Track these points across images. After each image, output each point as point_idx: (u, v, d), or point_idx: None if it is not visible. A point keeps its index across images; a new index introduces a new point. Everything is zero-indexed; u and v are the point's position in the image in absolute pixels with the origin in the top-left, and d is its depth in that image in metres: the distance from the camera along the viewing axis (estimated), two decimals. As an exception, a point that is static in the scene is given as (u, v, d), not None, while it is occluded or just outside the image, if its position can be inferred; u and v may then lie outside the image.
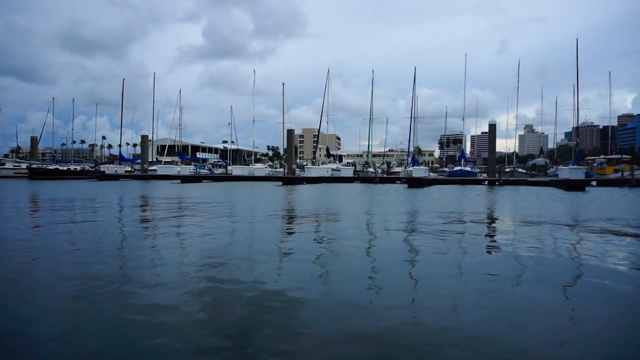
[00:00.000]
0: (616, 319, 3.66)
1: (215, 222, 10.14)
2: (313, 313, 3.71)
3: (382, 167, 59.42)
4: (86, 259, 5.79)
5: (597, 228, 9.21)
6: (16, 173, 47.67)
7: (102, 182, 35.86)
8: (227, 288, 4.44)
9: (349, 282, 4.74)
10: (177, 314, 3.64)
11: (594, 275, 5.02)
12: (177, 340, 3.12)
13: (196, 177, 43.20)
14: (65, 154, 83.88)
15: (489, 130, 42.07)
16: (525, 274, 5.13)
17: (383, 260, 5.95)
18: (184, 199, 17.86)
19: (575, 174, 36.48)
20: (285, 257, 6.15)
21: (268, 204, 15.50)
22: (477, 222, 10.44)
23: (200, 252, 6.39)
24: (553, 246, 7.01)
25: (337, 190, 26.07)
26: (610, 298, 4.20)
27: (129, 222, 10.61)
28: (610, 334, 3.35)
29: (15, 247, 6.77)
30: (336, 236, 8.14)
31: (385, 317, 3.60)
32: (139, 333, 3.25)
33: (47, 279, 4.83)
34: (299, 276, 4.93)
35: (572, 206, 15.12)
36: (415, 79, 51.22)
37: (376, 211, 13.36)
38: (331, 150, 61.13)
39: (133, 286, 4.48)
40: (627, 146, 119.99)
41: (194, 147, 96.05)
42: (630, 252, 6.63)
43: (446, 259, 6.00)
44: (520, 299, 4.13)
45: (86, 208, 13.75)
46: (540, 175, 50.02)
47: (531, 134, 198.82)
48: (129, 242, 7.54)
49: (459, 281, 4.80)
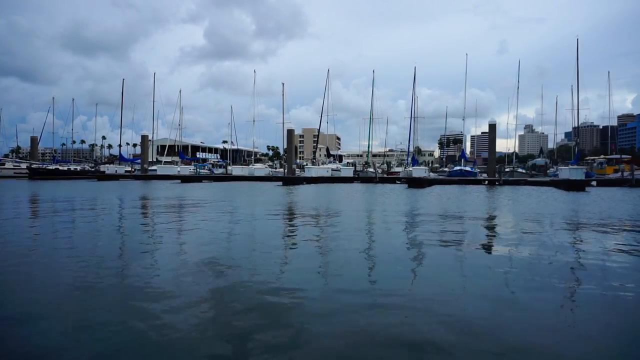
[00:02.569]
0: (616, 319, 3.66)
1: (216, 222, 10.13)
2: (313, 312, 3.71)
3: (382, 167, 59.41)
4: (87, 258, 5.78)
5: (597, 228, 9.20)
6: (16, 173, 47.65)
7: (102, 182, 35.86)
8: (227, 288, 4.44)
9: (349, 281, 4.74)
10: (178, 314, 3.63)
11: (594, 275, 5.02)
12: (177, 340, 3.12)
13: (196, 177, 43.19)
14: (65, 154, 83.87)
15: (489, 130, 42.05)
16: (525, 273, 5.12)
17: (383, 260, 5.95)
18: (184, 199, 17.86)
19: (575, 174, 36.48)
20: (286, 257, 6.15)
21: (268, 204, 15.50)
22: (477, 222, 10.43)
23: (201, 252, 6.39)
24: (553, 246, 7.00)
25: (337, 190, 26.07)
26: (610, 298, 4.20)
27: (129, 222, 10.60)
28: (610, 334, 3.34)
29: (15, 247, 6.77)
30: (336, 236, 8.13)
31: (386, 318, 3.60)
32: (139, 333, 3.25)
33: (47, 280, 4.82)
34: (299, 276, 4.93)
35: (572, 206, 15.11)
36: (416, 79, 51.28)
37: (376, 211, 13.35)
38: (331, 150, 61.08)
39: (133, 286, 4.48)
40: (627, 146, 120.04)
41: (194, 147, 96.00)
42: (630, 252, 6.63)
43: (446, 258, 6.00)
44: (520, 299, 4.12)
45: (86, 208, 13.75)
46: (540, 175, 50.00)
47: (531, 134, 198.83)
48: (128, 242, 7.54)
49: (459, 280, 4.80)
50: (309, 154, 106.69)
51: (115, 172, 48.86)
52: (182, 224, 9.99)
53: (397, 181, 38.25)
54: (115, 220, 10.87)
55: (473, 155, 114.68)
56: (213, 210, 12.73)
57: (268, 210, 13.01)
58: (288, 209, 13.74)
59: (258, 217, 11.30)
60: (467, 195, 21.03)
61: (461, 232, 8.66)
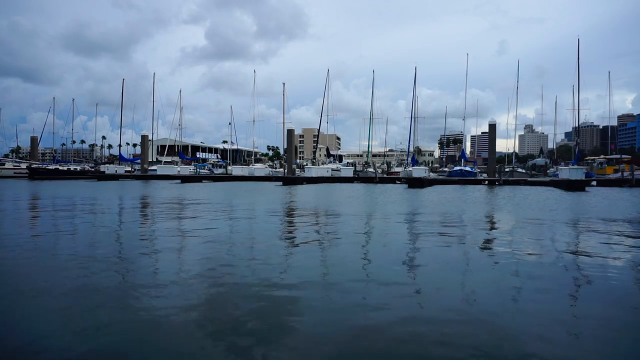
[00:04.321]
0: (616, 320, 3.65)
1: (216, 222, 10.13)
2: (313, 312, 3.71)
3: (382, 167, 59.41)
4: (87, 258, 5.78)
5: (597, 228, 9.20)
6: (16, 173, 47.63)
7: (101, 182, 35.85)
8: (227, 288, 4.44)
9: (349, 281, 4.74)
10: (178, 315, 3.63)
11: (593, 275, 5.02)
12: (178, 341, 3.12)
13: (196, 177, 43.17)
14: (65, 154, 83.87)
15: (489, 130, 42.03)
16: (524, 273, 5.12)
17: (384, 260, 5.94)
18: (184, 199, 17.85)
19: (575, 174, 36.45)
20: (286, 256, 6.14)
21: (268, 204, 15.50)
22: (477, 222, 10.43)
23: (201, 251, 6.39)
24: (553, 246, 7.00)
25: (337, 190, 26.06)
26: (610, 298, 4.20)
27: (128, 222, 10.60)
28: (609, 334, 3.34)
29: (14, 247, 6.77)
30: (336, 235, 8.13)
31: (387, 317, 3.60)
32: (139, 334, 3.25)
33: (47, 280, 4.82)
34: (300, 276, 4.92)
35: (572, 206, 15.11)
36: (416, 79, 51.25)
37: (376, 211, 13.35)
38: (331, 151, 61.01)
39: (133, 286, 4.47)
40: (627, 146, 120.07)
41: (194, 147, 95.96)
42: (630, 252, 6.62)
43: (446, 258, 6.00)
44: (520, 298, 4.12)
45: (86, 209, 13.74)
46: (540, 175, 50.00)
47: (531, 134, 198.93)
48: (128, 242, 7.53)
49: (459, 279, 4.80)
50: (309, 154, 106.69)
51: (115, 172, 48.81)
52: (181, 224, 9.99)
53: (397, 181, 38.23)
54: (114, 220, 10.86)
55: (473, 155, 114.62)
56: (213, 210, 12.73)
57: (268, 211, 13.00)
58: (288, 209, 13.73)
59: (258, 217, 11.29)
60: (467, 196, 21.02)
61: (461, 232, 8.66)
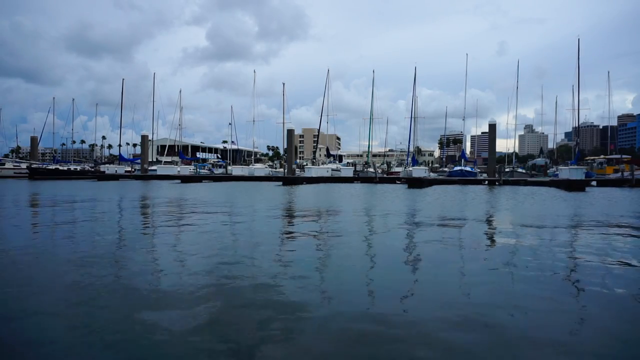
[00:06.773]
0: (616, 320, 3.65)
1: (215, 222, 10.13)
2: (313, 312, 3.70)
3: (382, 167, 59.40)
4: (87, 259, 5.78)
5: (597, 228, 9.20)
6: (16, 173, 47.64)
7: (101, 182, 35.85)
8: (228, 289, 4.43)
9: (349, 281, 4.74)
10: (179, 314, 3.63)
11: (593, 275, 5.01)
12: (179, 341, 3.12)
13: (196, 177, 43.18)
14: (65, 154, 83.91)
15: (489, 130, 42.07)
16: (524, 273, 5.12)
17: (384, 260, 5.94)
18: (184, 199, 17.85)
19: (575, 174, 36.47)
20: (286, 256, 6.14)
21: (268, 204, 15.50)
22: (477, 222, 10.43)
23: (200, 251, 6.38)
24: (553, 246, 7.00)
25: (337, 190, 26.06)
26: (610, 298, 4.20)
27: (129, 222, 10.60)
28: (609, 334, 3.34)
29: (14, 248, 6.77)
30: (336, 236, 8.13)
31: (388, 317, 3.60)
32: (139, 333, 3.25)
33: (47, 280, 4.82)
34: (300, 275, 4.92)
35: (572, 206, 15.11)
36: (416, 79, 51.25)
37: (376, 211, 13.35)
38: (331, 150, 61.01)
39: (133, 285, 4.47)
40: (627, 146, 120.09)
41: (194, 147, 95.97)
42: (630, 251, 6.62)
43: (446, 258, 6.00)
44: (519, 298, 4.12)
45: (86, 209, 13.74)
46: (540, 175, 50.02)
47: (531, 134, 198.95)
48: (129, 243, 7.53)
49: (459, 279, 4.79)
50: (309, 154, 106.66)
51: (115, 172, 48.81)
52: (181, 224, 9.98)
53: (397, 181, 38.23)
54: (114, 220, 10.86)
55: (473, 155, 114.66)
56: (213, 210, 12.72)
57: (268, 210, 13.00)
58: (288, 209, 13.73)
59: (258, 217, 11.29)
60: (467, 196, 21.03)
61: (461, 233, 8.66)
